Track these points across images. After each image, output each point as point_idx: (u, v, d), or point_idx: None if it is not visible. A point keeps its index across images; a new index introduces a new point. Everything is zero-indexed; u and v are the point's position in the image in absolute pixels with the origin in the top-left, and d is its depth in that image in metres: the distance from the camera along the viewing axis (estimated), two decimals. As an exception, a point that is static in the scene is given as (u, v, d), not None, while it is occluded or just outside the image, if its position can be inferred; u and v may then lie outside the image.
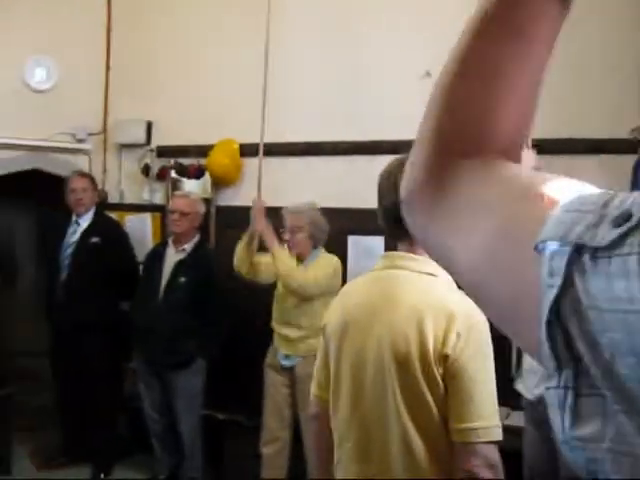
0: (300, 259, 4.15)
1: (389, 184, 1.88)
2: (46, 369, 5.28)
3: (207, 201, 4.99)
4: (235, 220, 5.04)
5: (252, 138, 4.92)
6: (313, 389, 2.13)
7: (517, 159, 0.67)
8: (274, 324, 4.23)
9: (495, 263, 0.58)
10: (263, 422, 4.23)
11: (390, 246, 2.09)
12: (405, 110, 4.40)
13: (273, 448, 4.18)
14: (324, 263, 4.07)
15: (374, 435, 1.88)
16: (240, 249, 4.22)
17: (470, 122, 0.66)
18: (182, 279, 4.43)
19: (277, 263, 3.99)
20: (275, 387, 4.18)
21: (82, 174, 5.05)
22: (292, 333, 4.10)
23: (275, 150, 4.70)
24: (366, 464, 1.89)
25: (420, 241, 0.76)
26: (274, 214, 4.18)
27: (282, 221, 4.13)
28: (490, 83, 0.65)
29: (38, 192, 5.83)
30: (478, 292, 0.63)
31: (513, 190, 0.60)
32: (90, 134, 5.70)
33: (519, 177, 0.62)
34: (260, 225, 4.12)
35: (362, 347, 1.90)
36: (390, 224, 1.92)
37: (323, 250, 4.20)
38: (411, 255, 1.92)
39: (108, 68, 5.80)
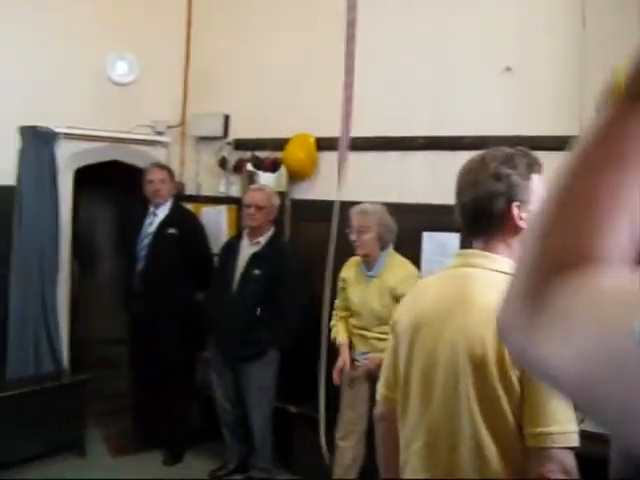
0: (368, 261, 4.11)
1: (468, 180, 1.86)
2: (123, 356, 5.40)
3: (282, 194, 5.00)
4: (310, 213, 5.05)
5: (328, 132, 4.93)
6: (380, 388, 2.10)
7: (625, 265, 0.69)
8: (351, 320, 4.22)
9: (596, 366, 0.59)
10: (339, 415, 4.24)
11: (466, 243, 2.04)
12: (485, 106, 4.34)
13: (348, 442, 4.19)
14: (404, 274, 4.02)
15: (443, 438, 1.84)
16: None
17: (574, 244, 0.69)
18: (256, 271, 4.45)
19: None
20: (352, 382, 4.17)
21: (160, 166, 5.13)
22: (369, 331, 4.10)
23: (353, 145, 4.69)
24: (434, 467, 1.86)
25: (519, 359, 0.82)
26: (349, 209, 4.15)
27: (349, 221, 4.08)
28: (594, 209, 0.68)
29: (117, 183, 5.97)
30: (580, 395, 0.64)
31: (605, 295, 0.63)
32: (169, 127, 5.80)
33: (610, 282, 0.64)
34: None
35: (434, 349, 1.86)
36: (467, 220, 1.88)
37: (392, 251, 4.15)
38: (486, 253, 1.87)
39: (187, 62, 5.90)
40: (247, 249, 4.56)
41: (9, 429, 4.46)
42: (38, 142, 4.95)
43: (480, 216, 1.85)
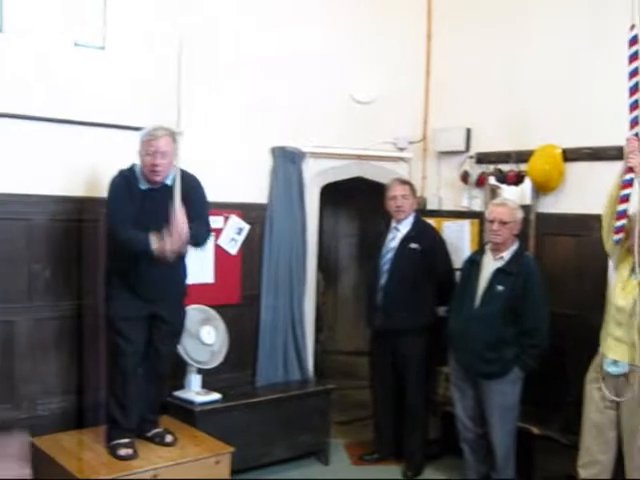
0: None
1: None
2: (364, 368, 5.51)
3: (526, 208, 4.85)
4: (556, 228, 4.87)
5: (575, 143, 4.73)
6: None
7: None
8: (605, 322, 3.88)
9: None
10: (581, 441, 3.98)
11: None
12: None
13: (591, 471, 3.91)
14: None
15: None
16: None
17: None
18: (500, 287, 4.34)
19: None
20: (596, 405, 3.88)
21: (402, 181, 5.17)
22: (626, 335, 3.70)
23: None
24: None
25: None
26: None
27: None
28: None
29: (360, 198, 6.14)
30: None
31: None
32: (410, 142, 5.87)
33: None
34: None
35: None
36: None
37: None
38: None
39: (428, 77, 5.93)
40: (490, 264, 4.46)
41: (258, 433, 4.72)
42: (287, 161, 5.22)
43: None
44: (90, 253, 4.33)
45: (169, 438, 4.13)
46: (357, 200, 6.82)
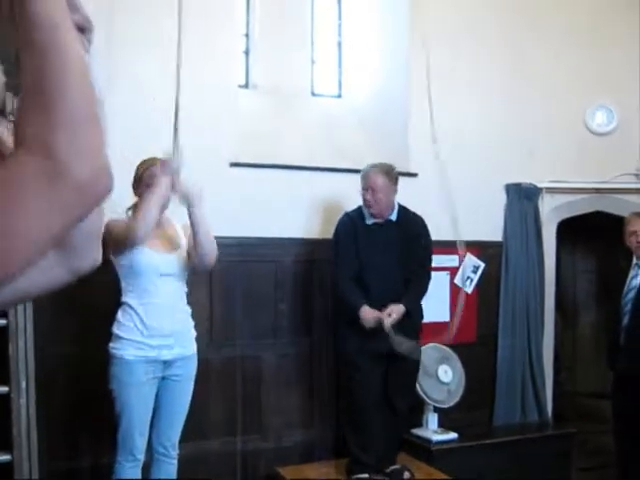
0: None
1: None
2: (605, 411, 5.23)
3: None
4: None
5: None
6: None
7: None
8: None
9: None
10: None
11: None
12: None
13: None
14: None
15: None
16: None
17: None
18: None
19: None
20: None
21: (644, 215, 4.90)
22: None
23: None
24: None
25: None
26: None
27: None
28: None
29: (599, 233, 5.88)
30: None
31: None
32: (655, 174, 5.56)
33: None
34: None
35: None
36: None
37: None
38: None
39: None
40: None
41: (495, 474, 4.63)
42: (522, 198, 5.15)
43: None
44: (322, 291, 4.55)
45: (407, 475, 4.19)
46: (595, 235, 6.54)
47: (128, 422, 3.37)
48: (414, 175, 4.77)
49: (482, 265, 5.07)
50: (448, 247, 4.58)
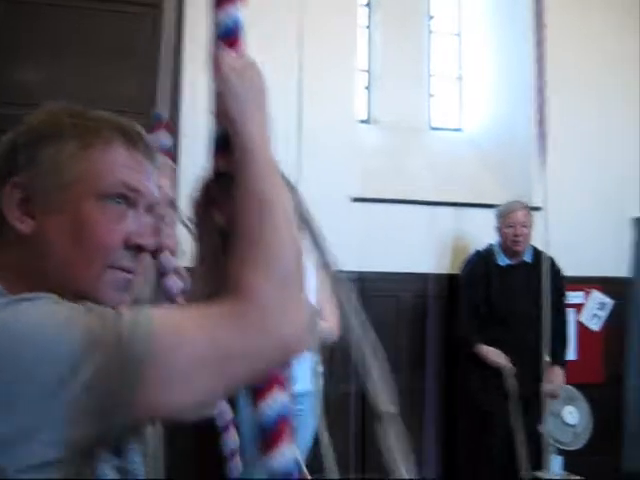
0: None
1: None
2: None
3: None
4: None
5: None
6: None
7: None
8: None
9: None
10: None
11: None
12: None
13: None
14: None
15: None
16: None
17: None
18: None
19: None
20: None
21: None
22: None
23: None
24: None
25: None
26: None
27: None
28: None
29: None
30: None
31: None
32: None
33: None
34: None
35: None
36: None
37: None
38: None
39: None
40: None
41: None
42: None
43: None
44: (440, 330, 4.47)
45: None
46: None
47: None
48: (538, 209, 4.66)
49: (609, 302, 4.87)
50: (572, 283, 4.43)
